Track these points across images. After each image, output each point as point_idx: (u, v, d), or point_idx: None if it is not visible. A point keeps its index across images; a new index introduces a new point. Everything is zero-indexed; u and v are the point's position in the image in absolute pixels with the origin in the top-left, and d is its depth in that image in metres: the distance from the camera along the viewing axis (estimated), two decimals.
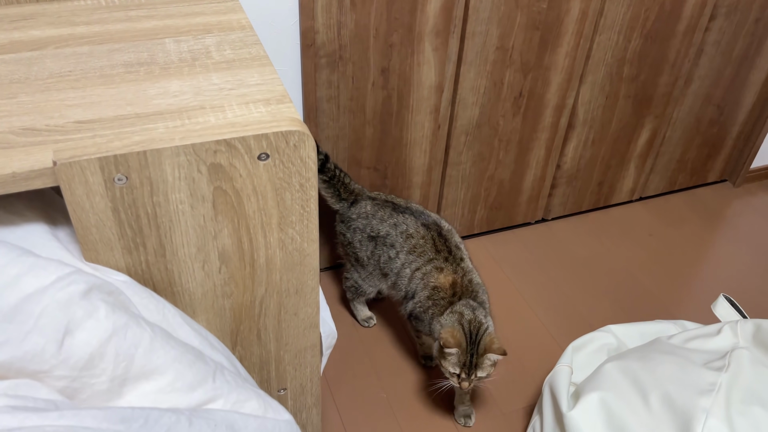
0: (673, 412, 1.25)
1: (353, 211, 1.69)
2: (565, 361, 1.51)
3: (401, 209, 1.66)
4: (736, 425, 1.19)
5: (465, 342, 1.44)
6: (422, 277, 1.56)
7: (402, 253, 1.60)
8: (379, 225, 1.64)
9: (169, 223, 0.81)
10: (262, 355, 1.04)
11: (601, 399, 1.33)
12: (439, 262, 1.57)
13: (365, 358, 1.79)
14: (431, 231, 1.61)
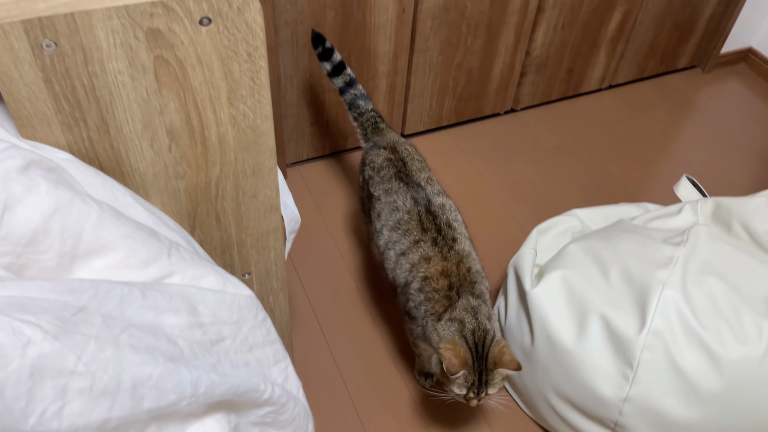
0: (632, 285, 1.29)
1: (369, 155, 1.55)
2: (529, 244, 1.54)
3: (402, 175, 1.46)
4: (690, 295, 1.23)
5: (471, 358, 1.21)
6: (410, 269, 1.33)
7: (386, 228, 1.41)
8: (378, 185, 1.48)
9: (110, 97, 0.76)
10: (223, 239, 1.03)
11: (563, 276, 1.37)
12: (427, 244, 1.33)
13: (335, 250, 1.80)
14: (418, 205, 1.39)
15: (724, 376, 1.17)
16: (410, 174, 1.47)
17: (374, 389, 1.51)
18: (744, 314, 1.21)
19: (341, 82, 1.62)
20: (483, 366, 1.22)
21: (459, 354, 1.20)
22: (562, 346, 1.30)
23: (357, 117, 1.62)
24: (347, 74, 1.61)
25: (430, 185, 1.46)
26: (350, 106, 1.63)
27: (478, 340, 1.22)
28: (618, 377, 1.23)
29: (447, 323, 1.25)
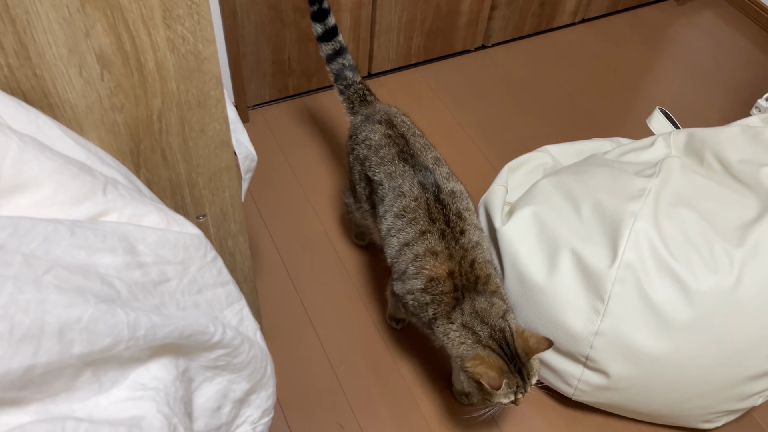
0: (603, 218, 1.26)
1: (361, 131, 1.39)
2: (500, 181, 1.50)
3: (407, 155, 1.31)
4: (662, 226, 1.21)
5: (506, 364, 1.12)
6: (414, 260, 1.22)
7: (389, 214, 1.28)
8: (378, 167, 1.33)
9: (26, 16, 0.68)
10: (173, 179, 0.96)
11: (533, 212, 1.33)
12: (434, 237, 1.21)
13: (302, 195, 1.74)
14: (427, 192, 1.26)
15: (694, 306, 1.16)
16: (415, 154, 1.32)
17: (344, 332, 1.48)
18: (715, 244, 1.19)
19: (330, 50, 1.47)
20: (519, 362, 1.13)
21: (493, 365, 1.10)
22: (532, 283, 1.28)
23: (343, 89, 1.49)
24: (338, 41, 1.46)
25: (438, 167, 1.32)
26: (336, 77, 1.49)
27: (501, 341, 1.13)
28: (589, 311, 1.22)
29: (461, 334, 1.15)
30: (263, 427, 0.83)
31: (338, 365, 1.43)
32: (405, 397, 1.39)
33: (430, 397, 1.39)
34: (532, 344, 1.14)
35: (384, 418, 1.35)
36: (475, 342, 1.13)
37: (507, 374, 1.11)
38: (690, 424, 1.36)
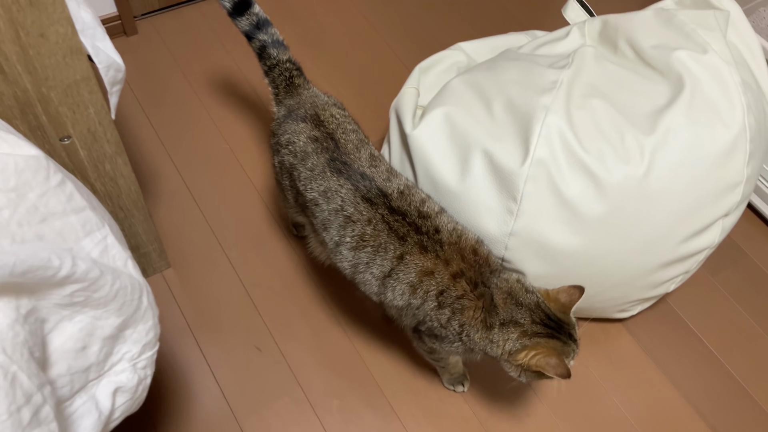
0: (515, 114, 1.20)
1: (284, 131, 1.18)
2: (411, 83, 1.41)
3: (339, 164, 1.11)
4: (574, 119, 1.16)
5: (558, 341, 1.04)
6: (412, 291, 1.05)
7: (344, 248, 1.09)
8: (308, 182, 1.12)
9: None
10: (18, 95, 0.83)
11: (444, 114, 1.26)
12: (416, 255, 1.05)
13: (202, 111, 1.61)
14: (377, 208, 1.07)
15: (606, 199, 1.13)
16: (348, 160, 1.12)
17: (257, 254, 1.41)
18: (627, 134, 1.15)
19: (246, 24, 1.25)
20: (564, 327, 1.05)
21: (551, 351, 1.01)
22: (445, 188, 1.22)
23: (268, 71, 1.26)
24: (254, 14, 1.25)
25: (376, 168, 1.12)
26: (260, 56, 1.26)
27: (543, 319, 1.04)
28: (503, 213, 1.18)
29: (503, 333, 1.03)
30: (146, 361, 0.76)
31: (252, 288, 1.36)
32: (325, 316, 1.35)
33: (351, 314, 1.35)
34: (566, 300, 1.07)
35: (304, 338, 1.31)
36: (521, 334, 1.03)
37: (563, 350, 1.04)
38: (606, 315, 1.39)
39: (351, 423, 1.23)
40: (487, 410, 1.27)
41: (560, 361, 1.00)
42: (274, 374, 1.27)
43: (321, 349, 1.30)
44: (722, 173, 1.16)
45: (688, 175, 1.14)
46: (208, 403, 1.22)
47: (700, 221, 1.19)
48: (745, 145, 1.17)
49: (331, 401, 1.25)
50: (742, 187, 1.19)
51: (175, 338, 1.28)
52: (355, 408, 1.25)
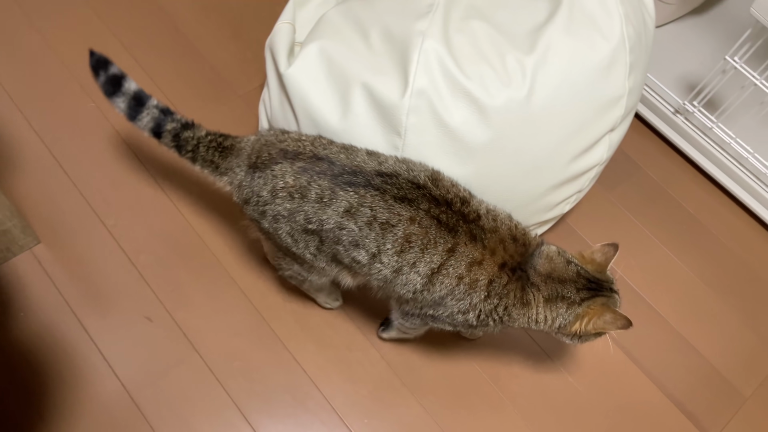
0: (393, 44, 1.13)
1: (261, 187, 1.01)
2: (285, 17, 1.30)
3: (347, 177, 0.98)
4: (453, 42, 1.10)
5: (605, 298, 1.04)
6: (459, 282, 0.99)
7: (385, 255, 0.98)
8: (321, 212, 0.98)
9: None
10: None
11: (319, 49, 1.17)
12: (466, 246, 0.98)
13: (56, 62, 1.45)
14: (419, 204, 0.97)
15: (491, 125, 1.09)
16: (355, 167, 1.00)
17: (138, 219, 1.31)
18: (508, 55, 1.11)
19: (149, 120, 1.09)
20: (604, 285, 1.04)
21: (603, 309, 1.01)
22: (328, 128, 1.15)
23: (193, 155, 1.08)
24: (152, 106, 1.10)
25: (388, 162, 1.02)
26: (178, 148, 1.09)
27: (585, 284, 1.03)
28: (388, 149, 1.12)
29: (549, 310, 1.02)
30: None
31: (136, 255, 1.27)
32: (219, 277, 1.27)
33: (247, 271, 1.29)
34: (601, 259, 1.06)
35: (197, 303, 1.24)
36: (569, 306, 1.02)
37: (611, 303, 1.03)
38: None
39: (255, 382, 1.18)
40: (394, 352, 1.25)
41: (615, 314, 1.00)
42: (168, 343, 1.20)
43: (217, 311, 1.24)
44: (604, 87, 1.14)
45: (570, 92, 1.12)
46: (98, 383, 1.14)
47: (586, 139, 1.17)
48: (625, 56, 1.15)
49: (231, 363, 1.19)
50: (625, 100, 1.18)
51: (53, 319, 1.18)
52: (259, 367, 1.20)
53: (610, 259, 1.07)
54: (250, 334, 1.23)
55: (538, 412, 1.23)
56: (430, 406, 1.21)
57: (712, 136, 1.55)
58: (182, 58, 1.52)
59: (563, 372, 1.28)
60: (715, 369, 1.33)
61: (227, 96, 1.48)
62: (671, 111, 1.59)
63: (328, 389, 1.20)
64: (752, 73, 1.39)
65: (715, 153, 1.55)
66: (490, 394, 1.24)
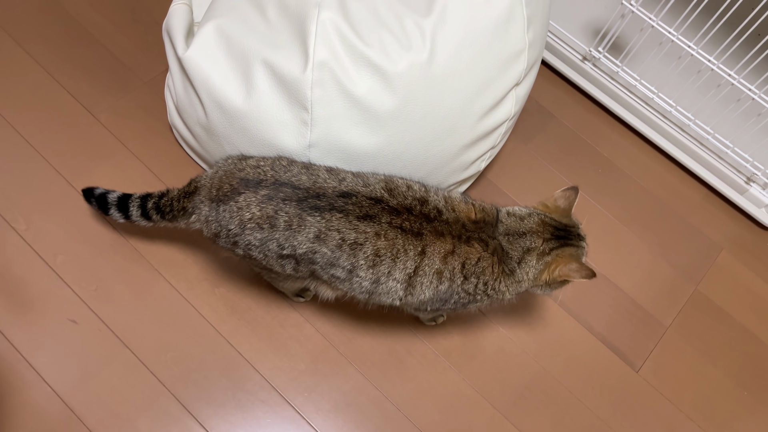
0: (290, 17, 1.11)
1: (229, 220, 1.01)
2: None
3: (311, 202, 0.99)
4: (350, 11, 1.09)
5: (571, 246, 1.07)
6: (437, 276, 1.02)
7: (361, 270, 1.01)
8: (293, 237, 0.99)
9: None
10: None
11: (216, 28, 1.14)
12: (436, 244, 1.01)
13: None
14: (380, 218, 1.00)
15: (396, 91, 1.10)
16: (318, 191, 1.00)
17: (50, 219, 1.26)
18: (406, 18, 1.10)
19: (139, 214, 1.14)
20: (571, 231, 1.08)
21: (569, 259, 1.05)
22: (233, 109, 1.13)
23: (171, 215, 1.11)
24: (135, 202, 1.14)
25: (346, 180, 1.03)
26: (161, 215, 1.12)
27: (552, 232, 1.07)
28: (297, 124, 1.11)
29: (523, 268, 1.05)
30: None
31: (53, 258, 1.23)
32: (142, 270, 1.25)
33: (171, 262, 1.27)
34: (565, 205, 1.10)
35: (123, 298, 1.22)
36: (538, 256, 1.05)
37: (578, 253, 1.07)
38: None
39: (191, 371, 1.18)
40: (329, 324, 1.27)
41: (580, 264, 1.04)
42: (97, 343, 1.18)
43: (144, 304, 1.22)
44: (504, 43, 1.16)
45: (471, 50, 1.13)
46: (29, 392, 1.12)
47: (492, 96, 1.19)
48: (522, 10, 1.16)
49: (165, 354, 1.19)
50: (526, 53, 1.20)
51: None
52: (193, 355, 1.20)
53: (573, 203, 1.11)
54: (181, 323, 1.22)
55: (472, 365, 1.27)
56: (369, 372, 1.23)
57: (619, 79, 1.59)
58: (79, 48, 1.45)
59: (494, 324, 1.32)
60: (636, 303, 1.40)
61: (132, 84, 1.43)
62: (579, 58, 1.62)
63: (265, 368, 1.21)
64: (649, 15, 1.43)
65: (623, 96, 1.60)
66: (425, 354, 1.27)
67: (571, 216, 1.11)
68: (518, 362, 1.29)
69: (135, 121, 1.40)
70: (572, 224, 1.10)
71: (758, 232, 1.55)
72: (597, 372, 1.31)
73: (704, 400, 1.32)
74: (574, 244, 1.08)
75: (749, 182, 1.53)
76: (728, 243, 1.52)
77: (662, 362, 1.35)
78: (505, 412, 1.24)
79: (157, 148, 1.38)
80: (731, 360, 1.37)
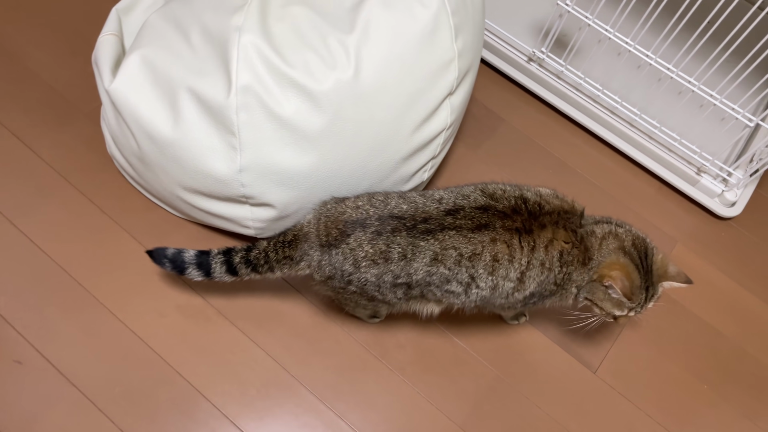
0: (213, 43, 1.10)
1: (340, 260, 1.05)
2: (108, 28, 1.26)
3: (421, 227, 1.03)
4: (274, 32, 1.09)
5: (639, 278, 1.06)
6: (540, 267, 1.05)
7: (481, 279, 1.04)
8: (409, 265, 1.03)
9: None
10: None
11: (141, 58, 1.14)
12: (540, 237, 1.05)
13: None
14: (494, 225, 1.04)
15: (323, 110, 1.09)
16: (424, 215, 1.04)
17: None
18: (329, 37, 1.10)
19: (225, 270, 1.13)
20: (650, 281, 1.07)
21: (629, 275, 1.04)
22: (163, 139, 1.13)
23: (270, 267, 1.12)
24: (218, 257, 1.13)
25: (446, 195, 1.08)
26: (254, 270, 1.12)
27: (641, 253, 1.07)
28: (226, 150, 1.11)
29: (604, 244, 1.07)
30: None
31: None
32: (87, 305, 1.24)
33: (116, 295, 1.25)
34: (670, 271, 1.08)
35: (68, 334, 1.21)
36: (619, 248, 1.06)
37: (638, 289, 1.06)
38: None
39: (140, 405, 1.17)
40: (279, 346, 1.26)
41: (630, 287, 1.03)
42: (42, 383, 1.16)
43: (90, 340, 1.21)
44: (431, 54, 1.15)
45: (398, 64, 1.12)
46: None
47: (424, 107, 1.18)
48: (448, 20, 1.16)
49: (112, 390, 1.17)
50: (456, 63, 1.19)
51: None
52: (142, 388, 1.18)
53: (673, 278, 1.08)
54: (128, 356, 1.20)
55: (428, 377, 1.26)
56: (322, 393, 1.22)
57: (566, 78, 1.59)
58: (18, 83, 1.44)
59: (448, 334, 1.31)
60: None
61: (73, 116, 1.43)
62: (524, 60, 1.62)
63: (215, 396, 1.20)
64: (584, 14, 1.43)
65: (571, 95, 1.59)
66: (379, 370, 1.26)
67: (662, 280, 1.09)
68: (473, 371, 1.28)
69: (77, 154, 1.39)
70: (657, 282, 1.09)
71: (713, 223, 1.55)
72: (553, 376, 1.30)
73: (664, 396, 1.31)
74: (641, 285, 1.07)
75: (700, 173, 1.52)
76: (683, 236, 1.51)
77: (620, 362, 1.34)
78: (461, 423, 1.23)
79: (100, 180, 1.37)
80: (691, 355, 1.37)
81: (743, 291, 1.46)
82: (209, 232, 1.35)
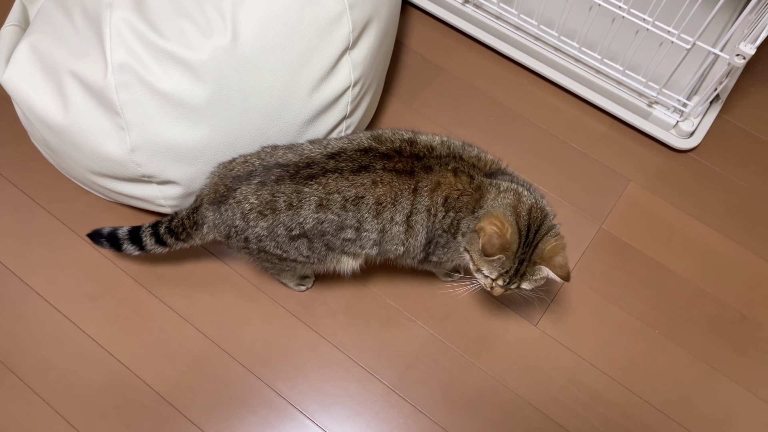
0: (90, 21, 1.09)
1: (230, 215, 1.04)
2: (11, 19, 1.25)
3: (304, 172, 1.01)
4: (147, 5, 1.06)
5: (518, 242, 0.98)
6: (426, 213, 1.02)
7: (368, 222, 1.02)
8: (297, 214, 1.01)
9: None
10: None
11: (29, 46, 1.13)
12: (423, 179, 1.01)
13: None
14: (375, 166, 1.01)
15: (205, 80, 1.06)
16: (307, 160, 1.03)
17: None
18: (205, 4, 1.06)
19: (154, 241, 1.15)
20: (528, 255, 0.99)
21: (503, 234, 0.96)
22: (57, 125, 1.12)
23: (186, 234, 1.13)
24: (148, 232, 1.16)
25: (330, 141, 1.06)
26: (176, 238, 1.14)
27: (533, 223, 1.00)
28: (116, 131, 1.09)
29: (498, 196, 1.00)
30: None
31: None
32: (16, 290, 1.27)
33: (47, 280, 1.28)
34: (555, 260, 0.99)
35: (2, 322, 1.24)
36: (511, 205, 0.99)
37: (508, 255, 0.98)
38: None
39: (75, 387, 1.20)
40: (209, 321, 1.26)
41: (500, 244, 0.95)
42: None
43: (22, 325, 1.24)
44: (315, 9, 1.10)
45: (279, 24, 1.07)
46: None
47: (318, 66, 1.14)
48: None
49: (47, 374, 1.21)
50: (348, 14, 1.14)
51: None
52: (75, 370, 1.21)
53: (552, 268, 0.99)
54: (61, 340, 1.23)
55: (359, 339, 1.25)
56: (252, 364, 1.23)
57: (506, 18, 1.49)
58: None
59: (381, 297, 1.29)
60: None
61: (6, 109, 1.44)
62: (460, 2, 1.53)
63: (147, 374, 1.21)
64: None
65: (511, 35, 1.50)
66: (308, 337, 1.25)
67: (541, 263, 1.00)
68: (406, 332, 1.26)
69: (8, 146, 1.41)
70: (535, 260, 1.00)
71: (669, 156, 1.44)
72: (492, 331, 1.26)
73: (609, 345, 1.26)
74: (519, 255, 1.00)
75: (651, 105, 1.42)
76: (637, 174, 1.42)
77: (562, 312, 1.28)
78: (393, 384, 1.21)
79: (33, 169, 1.39)
80: (640, 299, 1.30)
81: (702, 226, 1.37)
82: (138, 213, 1.35)
